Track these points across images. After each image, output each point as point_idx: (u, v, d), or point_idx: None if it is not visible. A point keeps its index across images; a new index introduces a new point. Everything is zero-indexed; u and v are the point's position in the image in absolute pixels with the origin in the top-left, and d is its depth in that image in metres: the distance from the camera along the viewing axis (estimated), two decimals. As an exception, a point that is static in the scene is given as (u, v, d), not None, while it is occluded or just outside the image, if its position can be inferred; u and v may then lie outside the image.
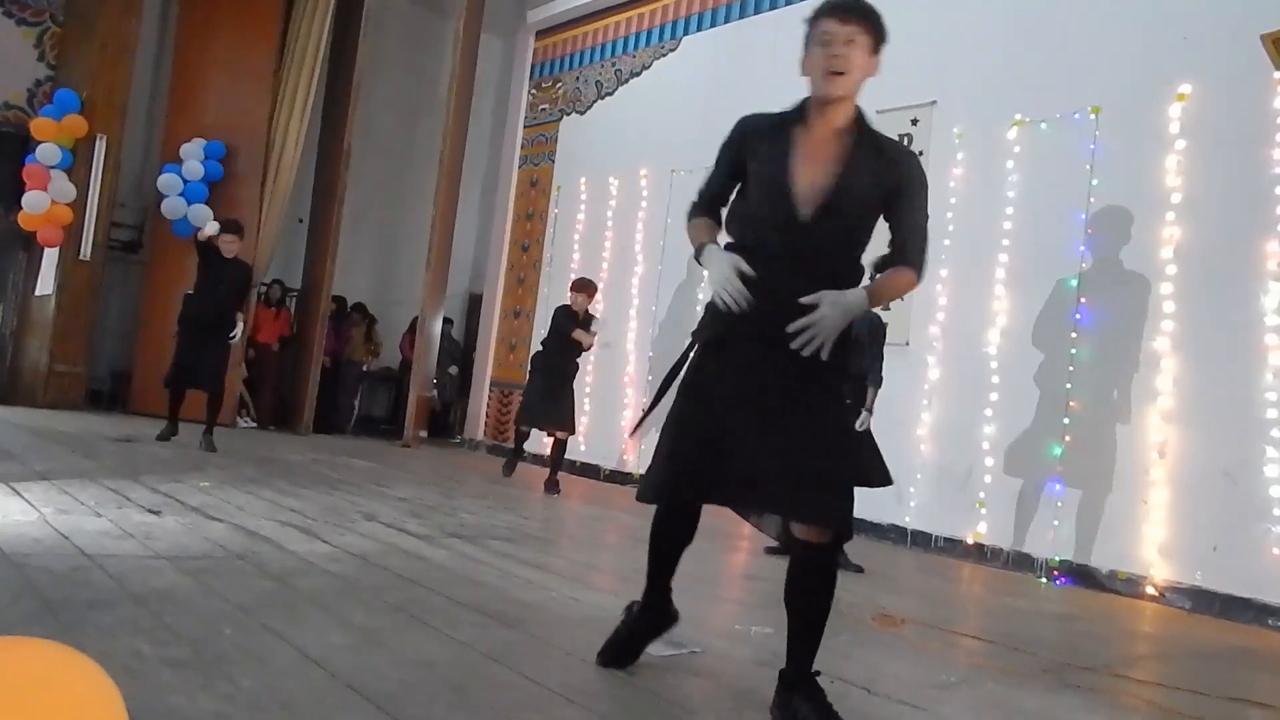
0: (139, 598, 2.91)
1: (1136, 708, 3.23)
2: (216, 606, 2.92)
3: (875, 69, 2.59)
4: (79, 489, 4.95)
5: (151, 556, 3.54)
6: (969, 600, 5.52)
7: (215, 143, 10.72)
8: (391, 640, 2.82)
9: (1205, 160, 6.05)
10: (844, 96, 2.57)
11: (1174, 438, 5.97)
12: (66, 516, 4.13)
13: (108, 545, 3.63)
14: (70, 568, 3.20)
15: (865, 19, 2.55)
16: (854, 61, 2.53)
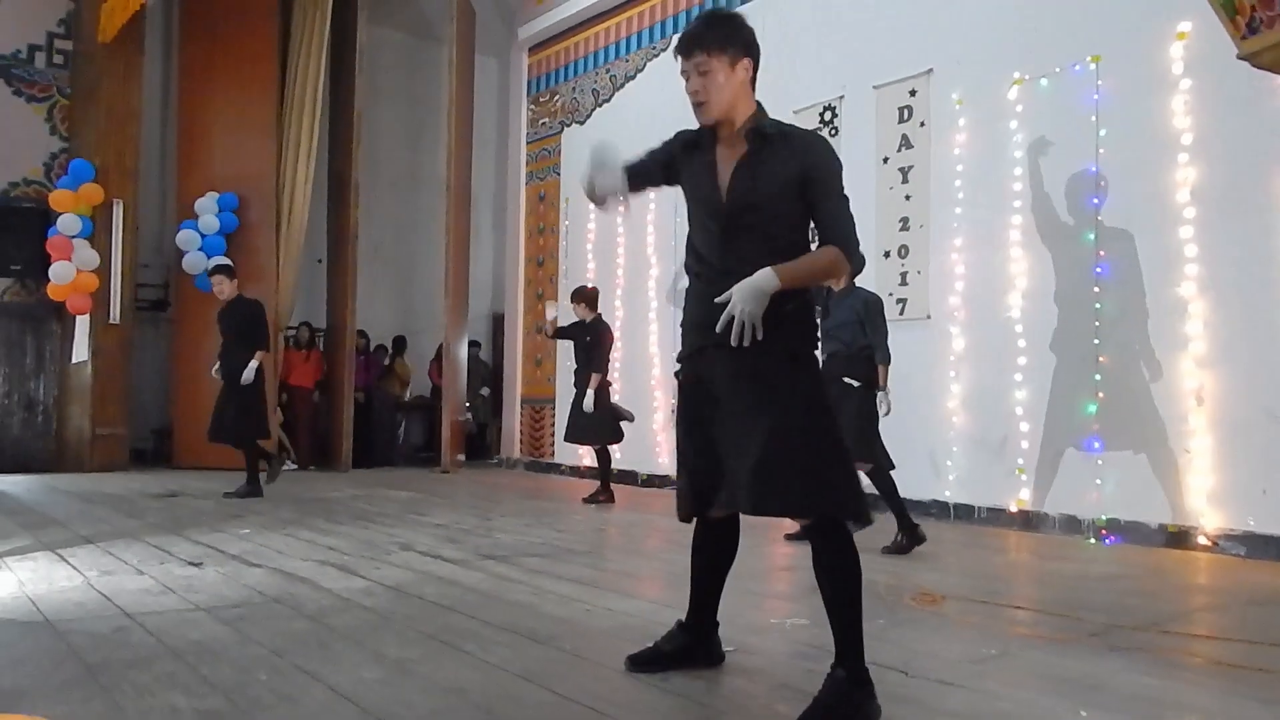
0: (177, 652, 2.95)
1: (1189, 664, 3.16)
2: (252, 653, 2.96)
3: (745, 72, 2.67)
4: (123, 549, 5.03)
5: (191, 609, 3.59)
6: (1014, 570, 5.45)
7: (228, 194, 10.92)
8: (423, 669, 2.84)
9: (1213, 97, 5.94)
10: (719, 120, 2.68)
11: (1210, 382, 5.86)
12: (110, 578, 4.21)
13: (149, 602, 3.69)
14: (112, 629, 3.26)
15: (704, 45, 2.63)
16: (711, 88, 2.63)
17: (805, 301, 2.64)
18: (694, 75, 2.64)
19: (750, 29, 2.71)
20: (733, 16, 2.71)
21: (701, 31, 2.65)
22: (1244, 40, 1.07)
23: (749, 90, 2.69)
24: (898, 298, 7.82)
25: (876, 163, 8.02)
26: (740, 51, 2.65)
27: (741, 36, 2.66)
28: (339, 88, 11.73)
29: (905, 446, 7.50)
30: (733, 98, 2.65)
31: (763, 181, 2.61)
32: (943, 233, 7.50)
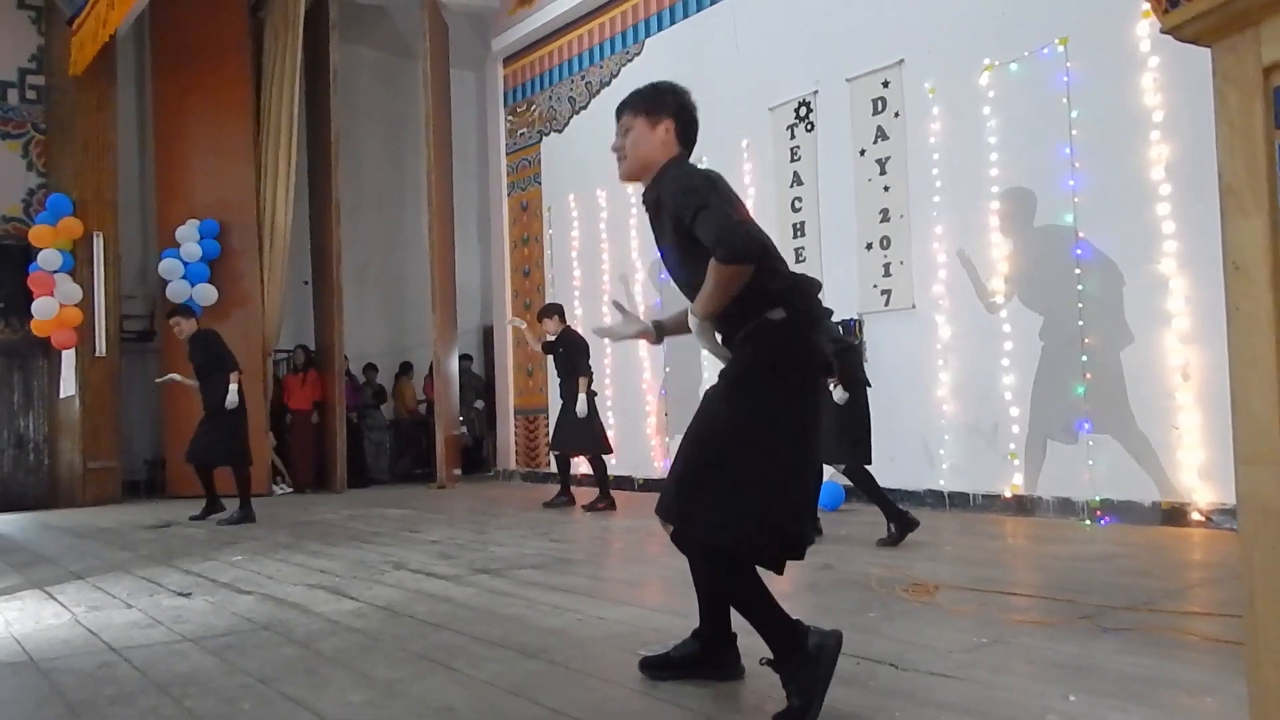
0: (162, 685, 2.93)
1: (1181, 641, 3.14)
2: (238, 682, 2.94)
3: (667, 133, 2.77)
4: (112, 583, 5.01)
5: (178, 640, 3.57)
6: (1008, 556, 5.44)
7: (209, 221, 10.90)
8: (412, 690, 2.82)
9: (1182, 72, 5.92)
10: (631, 177, 2.83)
11: (1195, 357, 5.86)
12: (97, 613, 4.18)
13: (136, 636, 3.67)
14: (97, 665, 3.23)
15: (628, 106, 2.81)
16: (631, 144, 2.78)
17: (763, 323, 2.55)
18: (619, 134, 2.81)
19: (679, 95, 2.82)
20: (664, 85, 2.84)
21: (630, 96, 2.84)
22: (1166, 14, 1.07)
23: (671, 149, 2.77)
24: (882, 289, 7.83)
25: (854, 155, 8.02)
26: (663, 114, 2.76)
27: (665, 100, 2.78)
28: (315, 109, 11.73)
29: (898, 437, 7.53)
30: (646, 157, 2.76)
31: (665, 240, 2.74)
32: (923, 222, 7.50)
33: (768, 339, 2.54)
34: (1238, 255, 1.07)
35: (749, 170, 9.02)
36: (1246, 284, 1.07)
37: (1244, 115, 1.08)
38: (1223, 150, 1.09)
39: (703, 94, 9.71)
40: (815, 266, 8.39)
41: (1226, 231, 1.09)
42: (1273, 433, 1.07)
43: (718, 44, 9.35)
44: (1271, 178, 1.04)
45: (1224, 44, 1.08)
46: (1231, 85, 1.08)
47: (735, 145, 9.08)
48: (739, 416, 2.53)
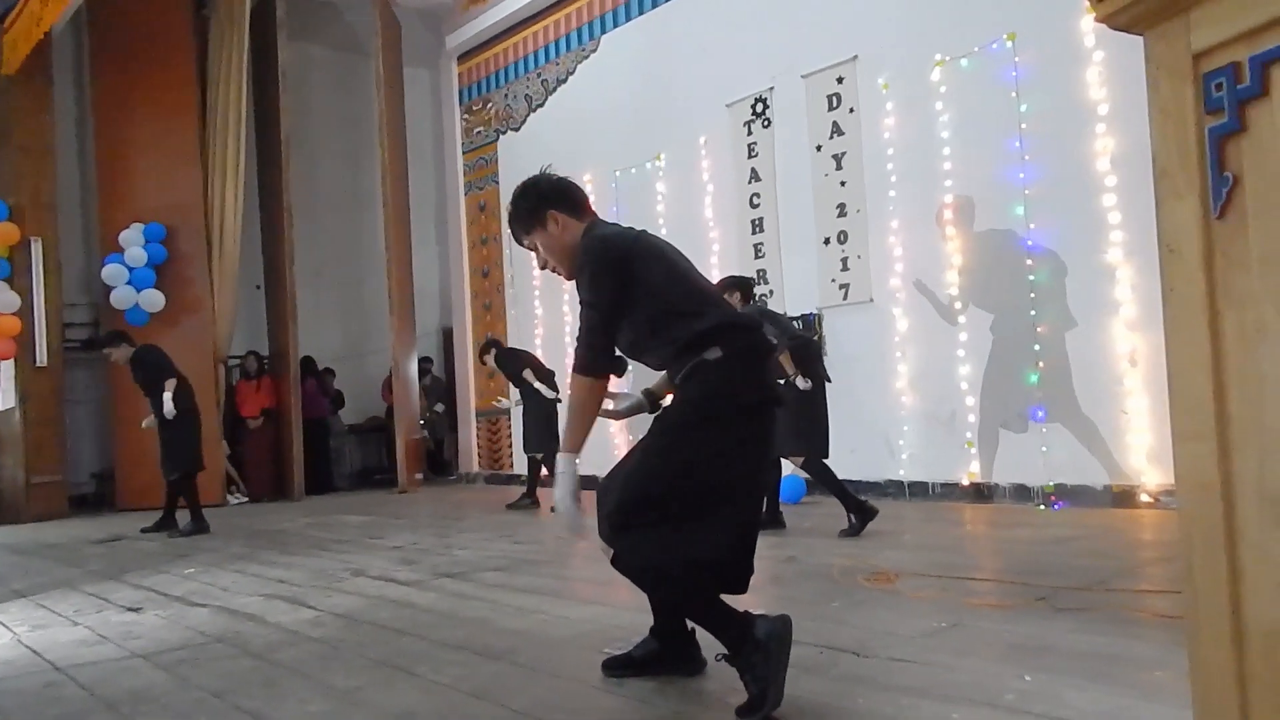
0: (111, 703, 2.87)
1: (1133, 619, 3.20)
2: (191, 697, 2.89)
3: (556, 223, 2.82)
4: (58, 600, 4.88)
5: (128, 657, 3.49)
6: (967, 542, 5.51)
7: (154, 225, 10.57)
8: (372, 697, 2.79)
9: (1125, 66, 6.01)
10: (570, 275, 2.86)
11: (1142, 344, 5.98)
12: (42, 632, 4.07)
13: (83, 654, 3.58)
14: (41, 685, 3.15)
15: (518, 232, 2.90)
16: (548, 253, 2.85)
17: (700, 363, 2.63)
18: (534, 254, 2.91)
19: (535, 187, 2.85)
20: (519, 191, 2.88)
21: (510, 224, 2.92)
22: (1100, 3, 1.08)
23: (574, 228, 2.83)
24: (840, 283, 7.88)
25: (810, 151, 8.06)
26: (543, 212, 2.81)
27: (531, 204, 2.83)
28: (265, 108, 11.53)
29: (858, 429, 7.59)
30: (567, 248, 2.82)
31: None
32: (879, 216, 7.56)
33: (705, 378, 2.63)
34: (1172, 238, 1.09)
35: (707, 167, 9.04)
36: (1180, 265, 1.08)
37: (1175, 101, 1.09)
38: (1156, 135, 1.10)
39: (660, 91, 9.76)
40: (774, 262, 8.43)
41: (1161, 214, 1.10)
42: (1208, 410, 1.08)
43: (674, 41, 9.36)
44: (1202, 161, 1.06)
45: (1155, 31, 1.09)
46: (1163, 71, 1.09)
47: (693, 142, 9.09)
48: (683, 454, 2.59)
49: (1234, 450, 1.06)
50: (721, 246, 8.90)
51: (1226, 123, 1.02)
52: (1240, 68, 1.01)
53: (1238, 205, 1.02)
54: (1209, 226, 1.05)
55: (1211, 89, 1.03)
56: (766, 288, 8.49)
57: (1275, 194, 1.00)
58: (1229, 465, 1.07)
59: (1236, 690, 1.09)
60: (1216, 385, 1.07)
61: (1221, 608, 1.09)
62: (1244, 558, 1.07)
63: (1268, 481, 1.03)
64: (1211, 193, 1.04)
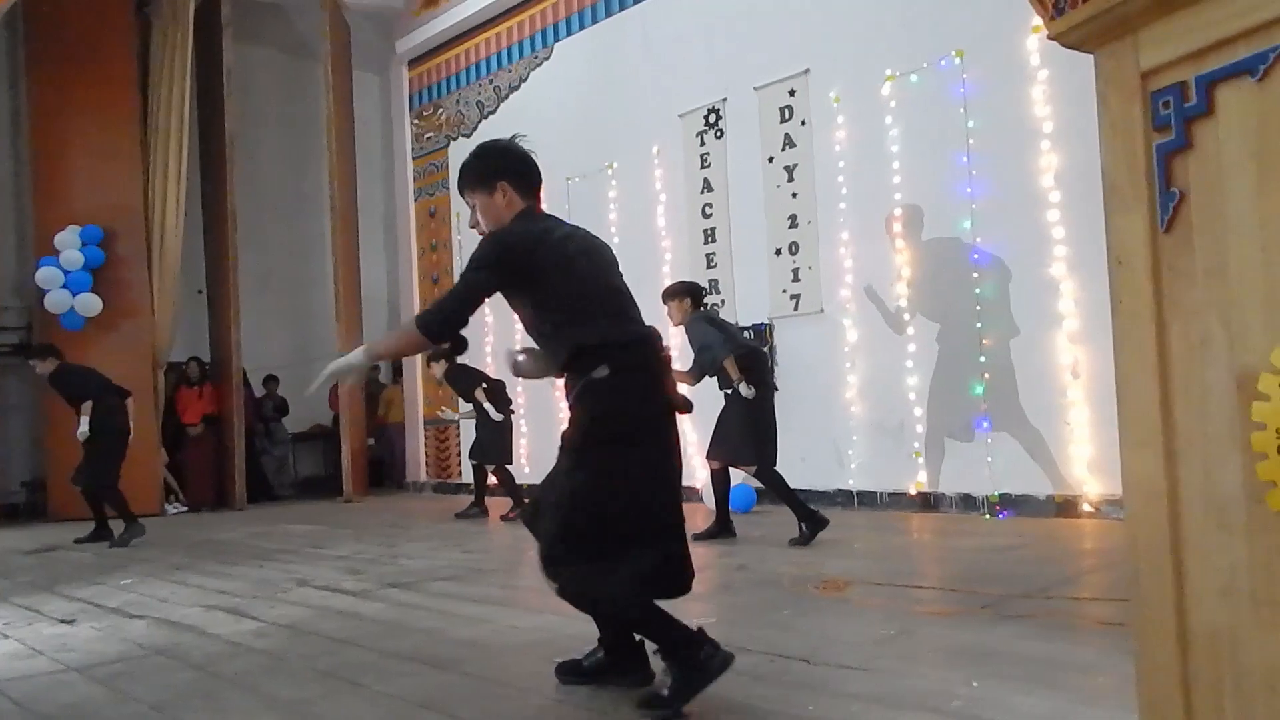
0: (45, 718, 2.79)
1: (1075, 626, 3.27)
2: (130, 711, 2.82)
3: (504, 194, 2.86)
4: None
5: (62, 670, 3.40)
6: (915, 550, 5.58)
7: (91, 227, 10.22)
8: (318, 709, 2.75)
9: (1069, 85, 6.13)
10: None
11: (1084, 356, 6.09)
12: (-32, 646, 3.94)
13: (15, 667, 3.48)
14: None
15: (462, 186, 2.94)
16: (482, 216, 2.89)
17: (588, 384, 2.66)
18: (471, 211, 2.92)
19: (500, 153, 2.91)
20: (482, 150, 2.95)
21: (460, 174, 2.95)
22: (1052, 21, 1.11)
23: (515, 205, 2.87)
24: (791, 294, 7.93)
25: (762, 163, 8.12)
26: (494, 178, 2.85)
27: (489, 166, 2.88)
28: (209, 111, 11.30)
29: (808, 438, 7.64)
30: (501, 219, 2.85)
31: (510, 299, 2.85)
32: (830, 228, 7.63)
33: (593, 400, 2.68)
34: (1120, 250, 1.11)
35: (659, 176, 9.06)
36: (1129, 277, 1.11)
37: (1124, 117, 1.12)
38: (1105, 151, 1.13)
39: (613, 100, 9.75)
40: (726, 272, 8.47)
41: (1110, 228, 1.13)
42: (1155, 418, 1.11)
43: (628, 50, 9.38)
44: (1150, 175, 1.08)
45: (1105, 50, 1.12)
46: (1113, 89, 1.12)
47: (646, 151, 9.11)
48: (594, 480, 2.64)
49: (1180, 457, 1.09)
50: (674, 256, 8.93)
51: (1174, 140, 1.05)
52: (1187, 87, 1.04)
53: (1184, 219, 1.05)
54: (1156, 240, 1.08)
55: (1159, 107, 1.06)
56: (718, 298, 8.53)
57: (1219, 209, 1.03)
58: (1175, 472, 1.10)
59: (1180, 691, 1.12)
60: (1163, 394, 1.09)
61: (1167, 610, 1.12)
62: (1189, 561, 1.09)
63: (1212, 488, 1.05)
64: (1159, 207, 1.06)
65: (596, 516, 2.62)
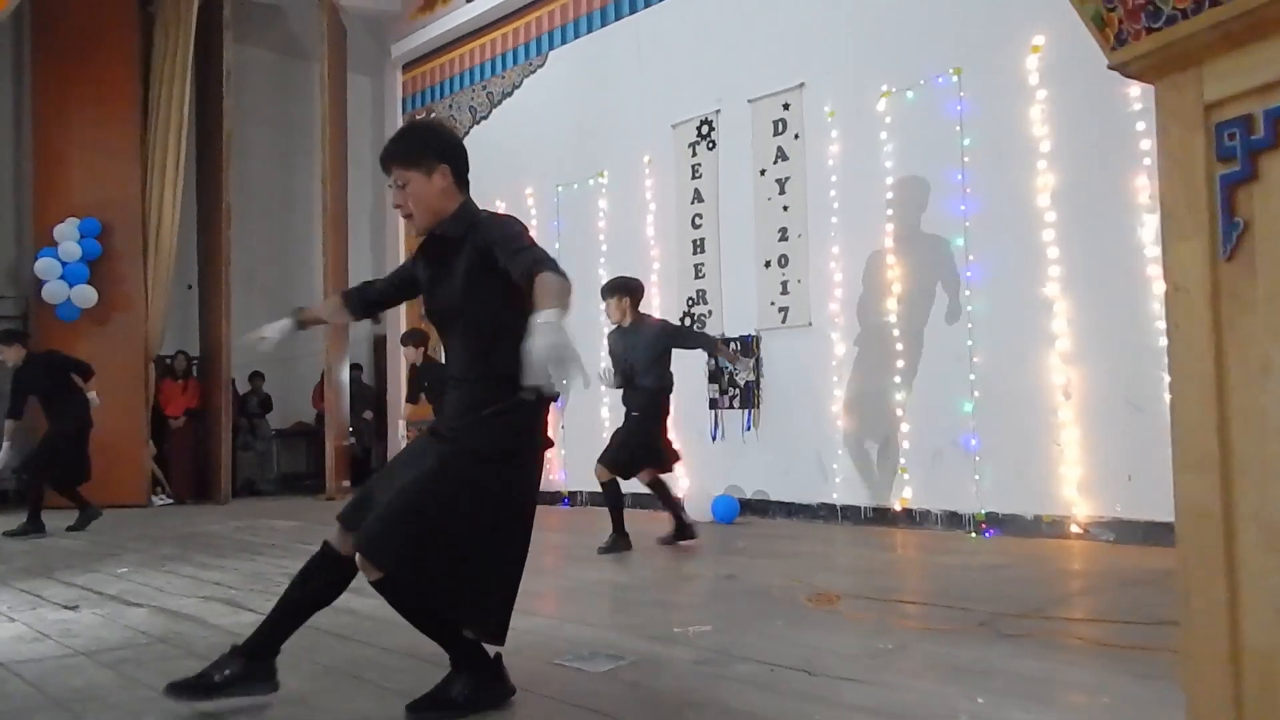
0: (59, 701, 2.81)
1: (1071, 646, 3.31)
2: (140, 696, 2.83)
3: (444, 179, 2.68)
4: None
5: (69, 655, 3.42)
6: (902, 566, 5.63)
7: (89, 220, 10.41)
8: (325, 702, 2.77)
9: (1067, 106, 6.23)
10: (425, 228, 2.73)
11: (1076, 377, 6.15)
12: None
13: (23, 650, 3.51)
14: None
15: (397, 160, 2.68)
16: (414, 199, 2.67)
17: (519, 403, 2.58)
18: (396, 190, 2.69)
19: (445, 135, 2.80)
20: (422, 128, 2.85)
21: (393, 149, 2.71)
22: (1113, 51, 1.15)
23: (454, 194, 2.71)
24: (779, 306, 7.98)
25: (754, 175, 8.18)
26: (434, 160, 2.67)
27: (433, 146, 2.71)
28: (205, 109, 11.36)
29: (793, 451, 7.72)
30: (434, 207, 2.68)
31: (451, 284, 2.66)
32: (820, 242, 7.68)
33: (518, 421, 2.62)
34: (1178, 276, 1.15)
35: (650, 186, 9.11)
36: (1186, 303, 1.15)
37: (1185, 148, 1.16)
38: (1163, 179, 1.17)
39: (605, 108, 9.77)
40: (714, 282, 8.52)
41: (1167, 254, 1.17)
42: (1210, 442, 1.15)
43: (622, 59, 9.42)
44: (1211, 205, 1.13)
45: (1167, 81, 1.17)
46: (1173, 120, 1.16)
47: (637, 160, 9.16)
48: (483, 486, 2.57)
49: (1235, 481, 1.13)
50: (662, 265, 8.97)
51: (1239, 171, 1.09)
52: (1254, 120, 1.08)
53: (1246, 248, 1.09)
54: (1216, 267, 1.12)
55: (1224, 139, 1.10)
56: (706, 308, 8.58)
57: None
58: (1229, 495, 1.13)
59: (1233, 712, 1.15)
60: (1220, 418, 1.13)
61: (1219, 631, 1.15)
62: (1242, 584, 1.13)
63: (1268, 511, 1.09)
64: (1221, 235, 1.11)
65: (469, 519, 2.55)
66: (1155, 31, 1.13)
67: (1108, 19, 1.17)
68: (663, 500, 6.33)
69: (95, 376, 7.73)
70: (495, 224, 2.67)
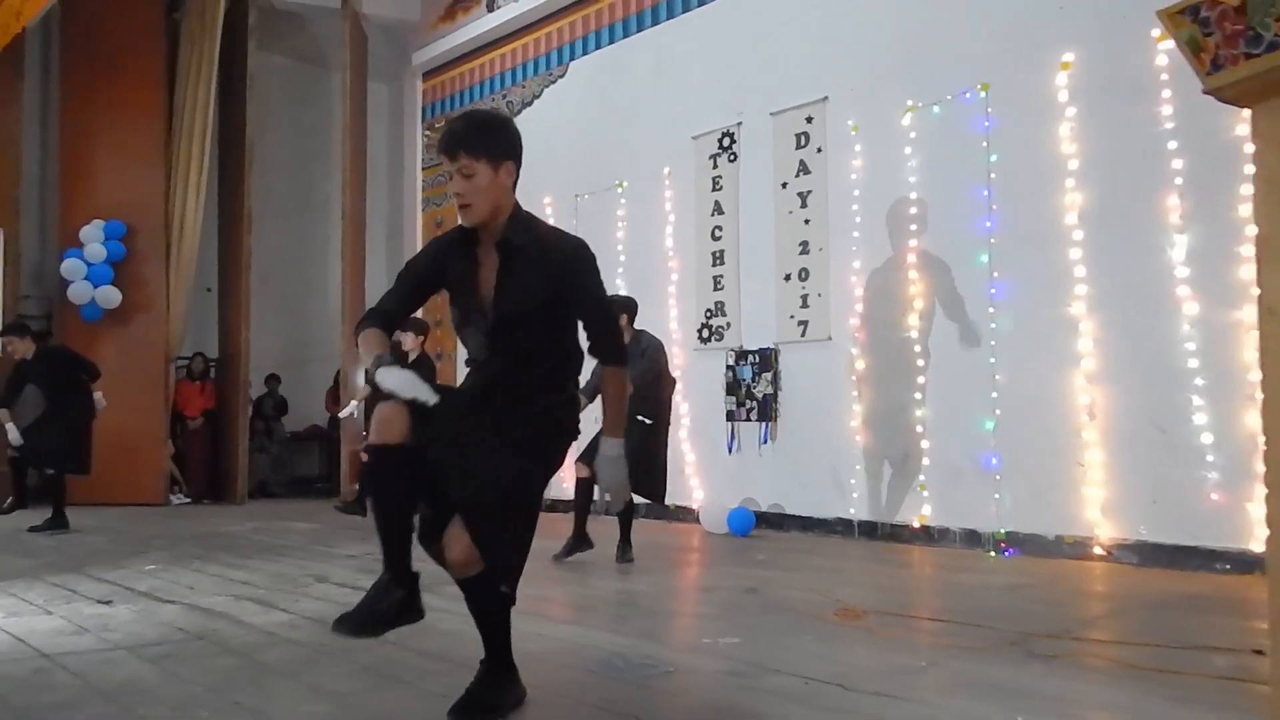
0: (106, 694, 2.84)
1: (1103, 668, 3.29)
2: (185, 691, 2.86)
3: (509, 176, 2.67)
4: (24, 588, 4.84)
5: (110, 649, 3.46)
6: (923, 583, 5.61)
7: (114, 222, 10.54)
8: (366, 702, 2.79)
9: (1097, 124, 6.23)
10: (481, 224, 2.68)
11: (1101, 397, 6.13)
12: (17, 618, 4.03)
13: (64, 643, 3.55)
14: (31, 671, 3.12)
15: (468, 148, 2.60)
16: (476, 191, 2.61)
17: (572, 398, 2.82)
18: (457, 177, 2.61)
19: (515, 132, 2.73)
20: (497, 120, 2.75)
21: (466, 133, 2.62)
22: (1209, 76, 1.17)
23: (512, 194, 2.71)
24: (799, 320, 7.99)
25: (775, 188, 8.20)
26: (503, 155, 2.64)
27: (506, 140, 2.67)
28: (228, 114, 11.47)
29: (809, 465, 7.72)
30: (495, 202, 2.65)
31: (520, 295, 2.66)
32: (841, 256, 7.70)
33: (567, 414, 2.80)
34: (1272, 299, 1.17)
35: (669, 197, 9.14)
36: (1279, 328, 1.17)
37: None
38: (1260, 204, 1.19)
39: (625, 120, 9.81)
40: (732, 295, 8.53)
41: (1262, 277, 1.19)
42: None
43: (644, 71, 9.47)
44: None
45: (1265, 106, 1.18)
46: (1270, 146, 1.18)
47: (657, 172, 9.19)
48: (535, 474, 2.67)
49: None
50: (680, 277, 8.99)
51: (1340, 196, 1.11)
52: (1357, 146, 1.10)
53: (1343, 272, 1.11)
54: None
55: (1323, 163, 1.13)
56: (724, 320, 8.59)
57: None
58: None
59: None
60: (1317, 440, 1.14)
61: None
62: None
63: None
64: (1319, 258, 1.13)
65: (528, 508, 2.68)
66: (1254, 57, 1.15)
67: (1204, 44, 1.19)
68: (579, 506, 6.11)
69: (102, 378, 7.78)
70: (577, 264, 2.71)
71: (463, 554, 2.52)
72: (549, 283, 2.65)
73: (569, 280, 2.67)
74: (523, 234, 2.69)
